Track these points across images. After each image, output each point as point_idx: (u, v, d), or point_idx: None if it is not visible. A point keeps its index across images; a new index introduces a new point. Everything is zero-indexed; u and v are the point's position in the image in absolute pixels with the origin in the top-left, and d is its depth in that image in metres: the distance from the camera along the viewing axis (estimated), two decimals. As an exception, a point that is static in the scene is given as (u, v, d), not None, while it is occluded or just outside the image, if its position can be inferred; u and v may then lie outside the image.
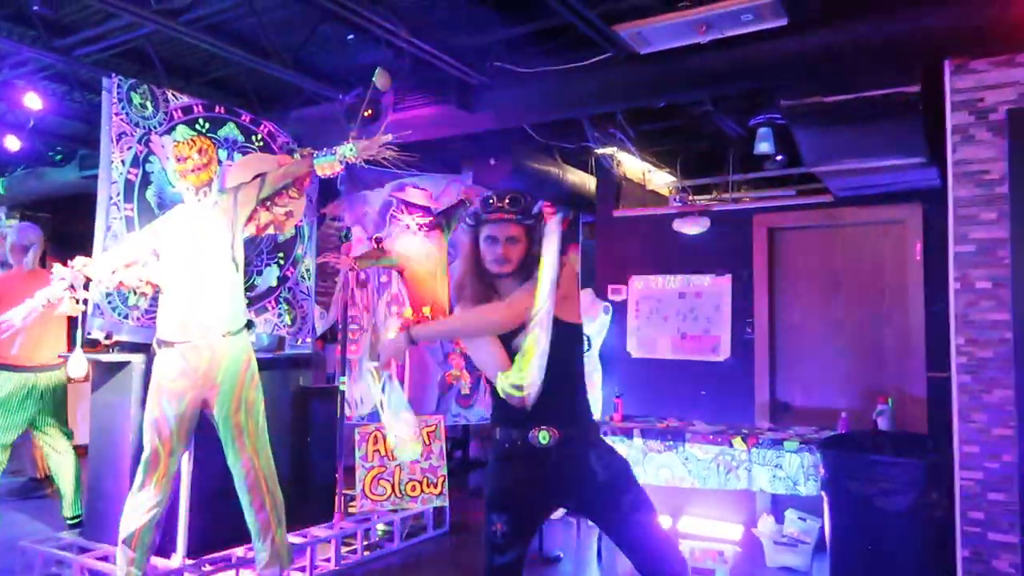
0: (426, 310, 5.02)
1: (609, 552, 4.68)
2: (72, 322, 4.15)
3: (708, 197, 6.02)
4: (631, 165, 5.97)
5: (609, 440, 4.55)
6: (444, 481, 4.90)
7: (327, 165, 3.70)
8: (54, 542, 3.95)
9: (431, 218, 5.17)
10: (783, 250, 5.27)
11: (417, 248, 5.09)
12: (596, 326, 5.53)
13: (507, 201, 2.38)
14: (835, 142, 4.02)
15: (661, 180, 6.28)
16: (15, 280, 4.48)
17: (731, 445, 4.20)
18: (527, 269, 2.35)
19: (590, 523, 3.50)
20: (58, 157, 6.39)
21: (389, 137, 3.55)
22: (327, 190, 4.87)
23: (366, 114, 3.69)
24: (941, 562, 3.21)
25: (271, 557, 3.48)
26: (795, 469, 4.02)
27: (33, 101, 4.84)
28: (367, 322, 5.34)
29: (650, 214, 5.76)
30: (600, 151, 5.73)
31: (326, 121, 4.75)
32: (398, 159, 3.51)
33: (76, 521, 4.50)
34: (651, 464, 4.44)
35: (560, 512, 5.43)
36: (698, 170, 6.09)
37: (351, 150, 3.59)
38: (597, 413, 5.34)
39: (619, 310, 5.67)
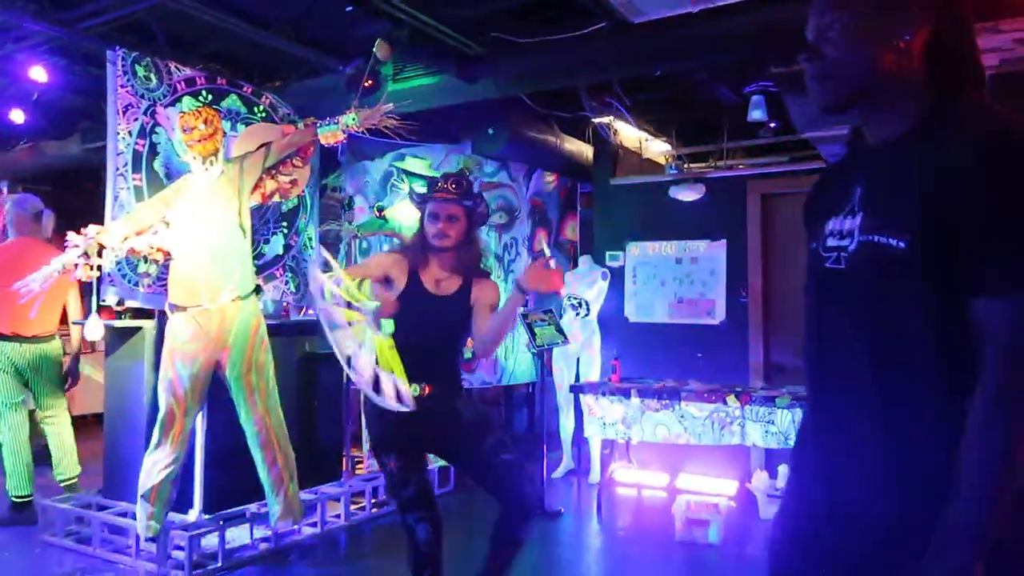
0: (428, 277, 5.14)
1: (609, 508, 4.85)
2: (85, 291, 4.26)
3: (704, 165, 6.12)
4: (628, 134, 6.06)
5: (607, 400, 4.74)
6: (447, 443, 5.05)
7: (330, 134, 3.79)
8: (74, 500, 4.10)
9: (431, 187, 5.27)
10: (777, 215, 5.38)
11: (417, 216, 5.19)
12: (594, 292, 5.65)
13: (451, 183, 2.69)
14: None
15: (657, 148, 6.37)
16: (30, 248, 4.46)
17: (725, 403, 4.35)
18: (465, 247, 2.68)
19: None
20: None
21: (391, 106, 3.64)
22: (328, 161, 4.96)
23: (367, 84, 3.78)
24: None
25: (284, 511, 3.63)
26: (787, 424, 4.18)
27: (39, 74, 4.90)
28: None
29: (647, 182, 5.86)
30: (597, 120, 5.81)
31: (327, 92, 4.82)
32: (399, 128, 3.60)
33: (72, 482, 4.50)
34: (648, 423, 4.59)
35: (563, 470, 5.61)
36: (694, 138, 6.18)
37: (353, 119, 3.68)
38: (596, 375, 5.49)
39: (617, 276, 5.79)
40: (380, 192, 5.44)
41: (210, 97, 4.17)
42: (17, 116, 5.63)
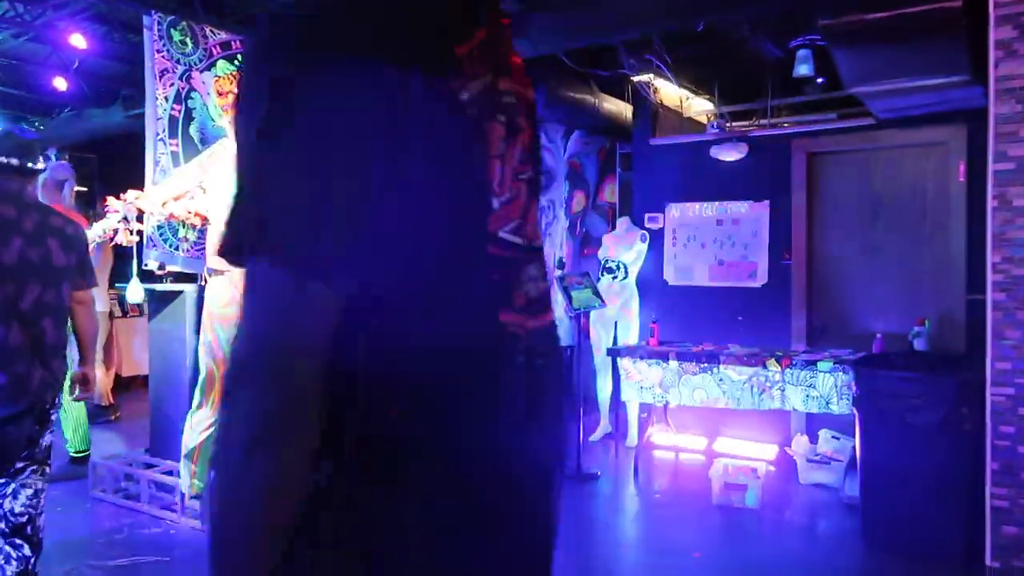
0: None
1: (646, 472, 4.84)
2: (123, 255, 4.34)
3: (746, 123, 5.95)
4: (668, 92, 5.92)
5: (644, 363, 4.69)
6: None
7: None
8: (123, 459, 4.23)
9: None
10: (822, 175, 5.22)
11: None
12: (633, 254, 5.57)
13: None
14: (875, 61, 3.95)
15: (699, 107, 6.21)
16: None
17: (765, 367, 4.27)
18: None
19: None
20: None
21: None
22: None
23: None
24: (969, 475, 3.28)
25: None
26: (828, 388, 4.09)
27: (78, 41, 4.95)
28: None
29: (687, 141, 5.73)
30: (637, 78, 5.68)
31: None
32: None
33: (82, 455, 4.54)
34: (686, 386, 4.54)
35: (600, 433, 5.60)
36: (736, 96, 6.01)
37: None
38: (634, 339, 5.44)
39: (656, 238, 5.70)
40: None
41: (245, 61, 4.16)
42: (60, 84, 5.71)
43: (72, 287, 2.50)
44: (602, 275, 5.59)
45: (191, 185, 3.57)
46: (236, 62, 4.10)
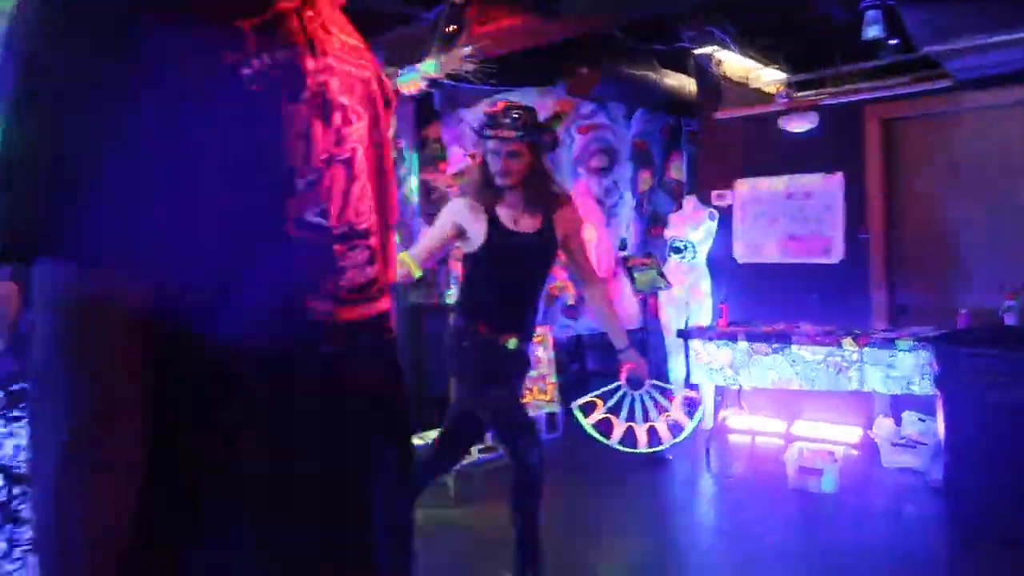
0: (525, 224, 5.09)
1: (720, 455, 4.73)
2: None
3: (816, 92, 5.69)
4: (733, 64, 5.71)
5: (713, 345, 4.57)
6: (554, 388, 5.06)
7: (410, 83, 3.77)
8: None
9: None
10: (899, 142, 4.95)
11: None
12: (701, 233, 5.43)
13: (507, 118, 2.52)
14: (950, 17, 3.71)
15: (765, 78, 5.96)
16: None
17: (840, 346, 4.10)
18: (533, 181, 2.55)
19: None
20: None
21: (469, 50, 3.56)
22: (425, 111, 4.96)
23: (449, 29, 3.71)
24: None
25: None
26: (909, 368, 3.89)
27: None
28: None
29: (754, 114, 5.53)
30: (699, 51, 5.50)
31: (417, 42, 4.79)
32: (479, 72, 3.53)
33: None
34: (757, 367, 4.40)
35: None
36: (804, 64, 5.75)
37: (432, 66, 3.64)
38: (706, 320, 5.31)
39: (725, 215, 5.54)
40: (476, 139, 5.40)
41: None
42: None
43: None
44: (670, 255, 5.47)
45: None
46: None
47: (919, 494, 3.92)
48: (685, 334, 4.79)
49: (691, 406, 3.02)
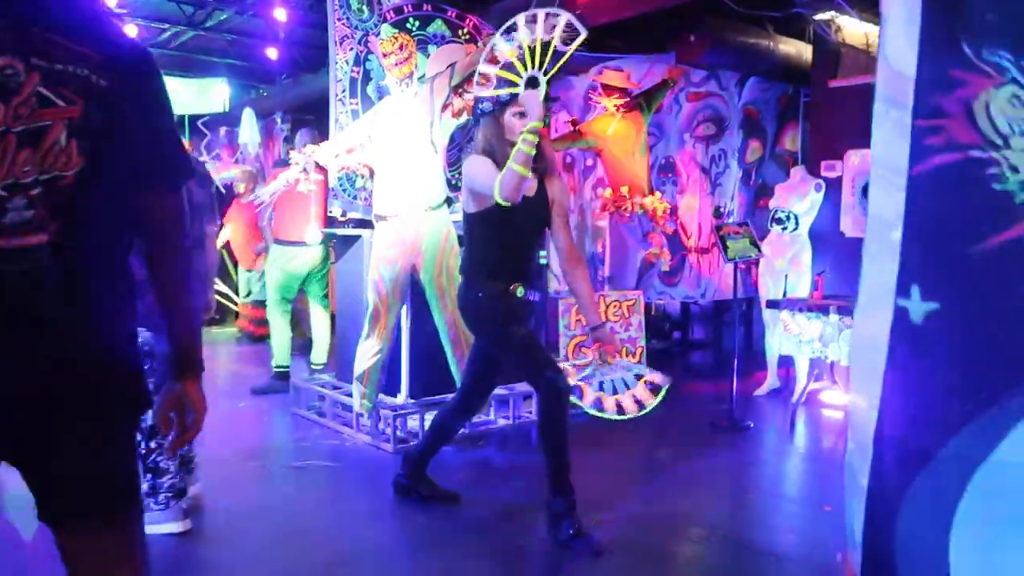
0: (624, 189, 5.21)
1: (808, 429, 4.72)
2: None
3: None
4: (853, 30, 5.53)
5: (803, 317, 4.56)
6: (643, 352, 5.19)
7: (506, 51, 3.93)
8: (317, 381, 4.88)
9: (627, 99, 5.27)
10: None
11: (615, 129, 5.24)
12: (805, 204, 5.35)
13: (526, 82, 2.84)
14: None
15: (890, 44, 5.73)
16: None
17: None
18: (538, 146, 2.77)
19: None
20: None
21: (566, 17, 3.68)
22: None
23: (551, -2, 3.85)
24: None
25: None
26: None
27: (280, 14, 5.59)
28: (573, 204, 5.65)
29: (871, 82, 5.33)
30: (817, 17, 5.37)
31: (525, 10, 4.96)
32: (568, 39, 3.64)
33: (318, 367, 5.39)
34: (847, 341, 4.35)
35: (766, 388, 5.50)
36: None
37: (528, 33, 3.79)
38: (805, 292, 5.25)
39: (833, 187, 5.42)
40: (583, 106, 5.54)
41: (417, 23, 4.50)
42: (271, 54, 6.47)
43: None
44: (771, 225, 5.43)
45: (360, 139, 3.99)
46: (407, 25, 4.45)
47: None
48: (774, 304, 4.79)
49: (655, 391, 3.15)
